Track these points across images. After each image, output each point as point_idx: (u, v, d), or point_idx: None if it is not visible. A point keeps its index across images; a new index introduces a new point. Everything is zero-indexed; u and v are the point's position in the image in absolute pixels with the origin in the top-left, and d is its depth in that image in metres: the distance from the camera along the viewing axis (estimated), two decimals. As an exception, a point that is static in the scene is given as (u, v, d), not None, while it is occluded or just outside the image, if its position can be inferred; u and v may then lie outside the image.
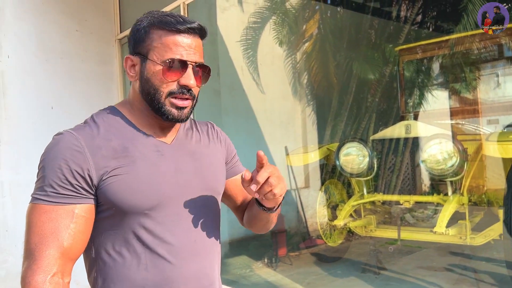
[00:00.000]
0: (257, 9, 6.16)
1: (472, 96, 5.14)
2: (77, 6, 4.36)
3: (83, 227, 0.98)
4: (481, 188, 3.90)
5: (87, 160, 0.97)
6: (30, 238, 0.95)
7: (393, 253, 4.60)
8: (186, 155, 1.10)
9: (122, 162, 0.99)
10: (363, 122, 6.12)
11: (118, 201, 0.98)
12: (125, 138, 1.03)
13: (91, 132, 1.01)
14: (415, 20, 6.39)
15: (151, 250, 1.01)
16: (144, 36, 1.03)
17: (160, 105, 1.02)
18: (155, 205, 1.01)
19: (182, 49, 1.01)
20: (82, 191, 0.97)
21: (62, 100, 4.21)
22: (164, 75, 1.01)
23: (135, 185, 0.99)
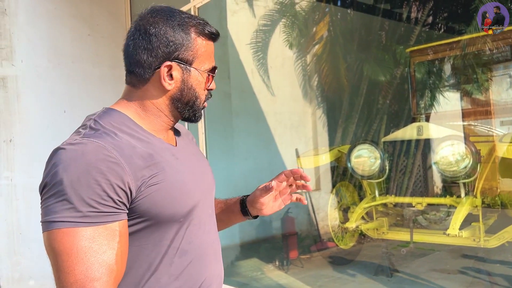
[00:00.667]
0: (267, 11, 6.18)
1: (485, 97, 5.08)
2: (89, 10, 4.41)
3: (126, 245, 0.88)
4: (494, 190, 3.86)
5: (125, 172, 0.86)
6: (73, 269, 0.80)
7: (405, 255, 4.56)
8: (191, 156, 1.09)
9: (154, 171, 0.91)
10: (374, 124, 6.09)
11: (158, 212, 0.91)
12: (144, 143, 0.95)
13: (114, 140, 0.89)
14: (426, 21, 6.35)
15: (183, 257, 0.97)
16: (187, 41, 0.97)
17: (197, 110, 1.04)
18: (188, 211, 0.98)
19: (213, 57, 1.03)
20: (122, 206, 0.86)
21: (74, 104, 4.26)
22: (207, 83, 1.03)
23: (172, 193, 0.93)
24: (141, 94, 1.00)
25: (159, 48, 0.95)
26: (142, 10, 1.00)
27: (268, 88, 6.10)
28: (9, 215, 3.81)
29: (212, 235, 1.08)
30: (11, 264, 3.83)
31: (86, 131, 0.91)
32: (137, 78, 0.99)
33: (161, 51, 0.95)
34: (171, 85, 0.98)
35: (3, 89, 3.91)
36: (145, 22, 0.97)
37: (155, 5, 1.00)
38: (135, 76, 0.99)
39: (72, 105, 4.24)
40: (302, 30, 6.43)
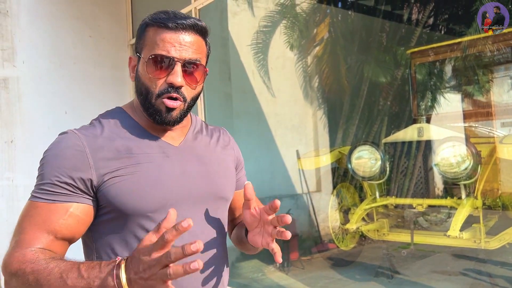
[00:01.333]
0: (267, 13, 6.19)
1: (485, 98, 5.08)
2: (91, 12, 4.42)
3: (73, 224, 0.93)
4: (495, 192, 3.86)
5: (86, 160, 0.94)
6: (19, 226, 0.93)
7: (406, 257, 4.56)
8: (194, 158, 1.06)
9: (125, 163, 0.95)
10: (375, 125, 6.09)
11: (120, 204, 0.94)
12: (130, 139, 0.99)
13: (94, 132, 0.98)
14: (426, 22, 6.35)
15: None
16: (140, 34, 1.01)
17: (150, 105, 0.98)
18: (158, 208, 0.96)
19: (170, 45, 0.95)
20: (79, 191, 0.94)
21: (76, 105, 4.27)
22: (149, 72, 0.97)
23: (138, 187, 0.95)
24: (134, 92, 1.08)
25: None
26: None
27: (269, 89, 6.10)
28: (10, 216, 3.81)
29: (203, 240, 1.00)
30: (12, 265, 3.84)
31: (84, 125, 1.04)
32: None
33: (134, 48, 1.04)
34: (132, 77, 1.04)
35: (4, 90, 3.92)
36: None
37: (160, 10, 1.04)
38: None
39: (74, 106, 4.25)
40: (303, 31, 6.44)
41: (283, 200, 5.88)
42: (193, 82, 1.00)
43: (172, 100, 0.97)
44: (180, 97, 0.98)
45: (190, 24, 0.97)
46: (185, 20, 0.96)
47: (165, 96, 0.97)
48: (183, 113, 1.01)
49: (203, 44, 1.02)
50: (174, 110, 0.98)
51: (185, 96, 0.99)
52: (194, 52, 0.98)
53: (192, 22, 0.97)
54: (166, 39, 0.96)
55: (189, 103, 1.01)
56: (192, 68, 0.98)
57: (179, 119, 1.00)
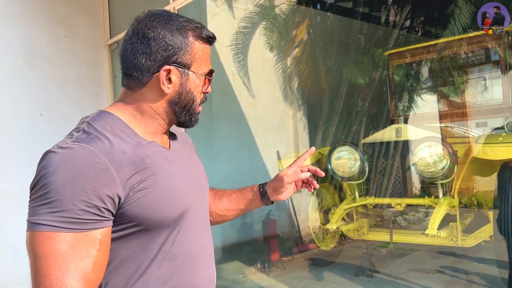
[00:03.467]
0: (247, 14, 6.19)
1: (461, 99, 5.19)
2: (66, 12, 4.34)
3: (106, 253, 0.88)
4: (471, 190, 3.94)
5: (114, 178, 0.86)
6: (50, 272, 0.80)
7: (385, 256, 4.62)
8: (185, 159, 1.08)
9: (143, 176, 0.91)
10: (354, 126, 6.16)
11: (147, 217, 0.91)
12: (136, 148, 0.94)
13: (104, 145, 0.89)
14: (404, 24, 6.46)
15: (172, 261, 0.96)
16: (185, 45, 0.97)
17: (195, 114, 1.04)
18: (178, 216, 0.97)
19: (209, 60, 1.04)
20: (107, 213, 0.86)
21: (51, 107, 4.18)
22: (205, 86, 1.04)
23: (162, 197, 0.93)
24: (138, 97, 1.00)
25: (157, 52, 0.95)
26: (140, 13, 1.01)
27: (249, 91, 6.10)
28: (-17, 220, 3.71)
29: (204, 239, 1.07)
30: (-14, 272, 3.73)
31: (78, 134, 0.91)
32: (135, 81, 0.98)
33: (160, 55, 0.95)
34: (170, 89, 0.98)
35: (-24, 92, 3.82)
36: (143, 26, 0.97)
37: (152, 9, 1.00)
38: (133, 79, 0.98)
39: (49, 108, 4.16)
40: (282, 32, 6.46)
41: (264, 201, 5.87)
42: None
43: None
44: None
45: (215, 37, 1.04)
46: (213, 34, 1.03)
47: (200, 105, 1.06)
48: None
49: None
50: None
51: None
52: None
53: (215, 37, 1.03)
54: (208, 55, 1.04)
55: None
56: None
57: None
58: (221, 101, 5.79)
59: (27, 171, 4.22)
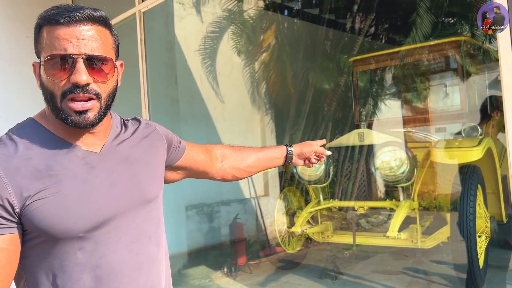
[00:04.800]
0: (215, 18, 6.20)
1: (422, 105, 5.35)
2: (27, 12, 4.23)
3: (8, 260, 0.85)
4: (430, 193, 4.06)
5: (4, 186, 0.83)
6: None
7: (349, 258, 4.70)
8: (119, 162, 0.99)
9: (46, 184, 0.86)
10: (320, 130, 6.26)
11: (47, 227, 0.86)
12: (48, 154, 0.90)
13: (7, 152, 0.87)
14: (368, 32, 6.62)
15: (92, 273, 0.90)
16: (36, 37, 0.91)
17: (58, 110, 0.89)
18: (92, 226, 0.90)
19: (66, 42, 0.86)
20: (3, 220, 0.84)
21: (11, 109, 4.05)
22: (49, 75, 0.88)
23: (65, 207, 0.87)
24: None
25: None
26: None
27: (217, 95, 6.11)
28: None
29: (137, 248, 0.98)
30: None
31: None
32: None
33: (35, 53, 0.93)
34: (39, 85, 0.94)
35: None
36: None
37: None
38: None
39: (9, 110, 4.03)
40: (250, 37, 6.50)
41: (231, 205, 5.88)
42: (102, 77, 0.91)
43: (80, 103, 0.88)
44: (92, 95, 0.89)
45: (85, 15, 0.87)
46: (78, 12, 0.87)
47: (70, 97, 0.88)
48: (102, 112, 0.92)
49: (106, 34, 0.92)
50: (87, 112, 0.89)
51: (98, 92, 0.90)
52: (96, 45, 0.89)
53: (86, 13, 0.88)
54: (61, 36, 0.86)
55: (106, 100, 0.93)
56: (98, 62, 0.89)
57: (98, 120, 0.92)
58: (188, 104, 5.77)
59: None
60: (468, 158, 3.47)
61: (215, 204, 5.76)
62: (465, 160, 3.49)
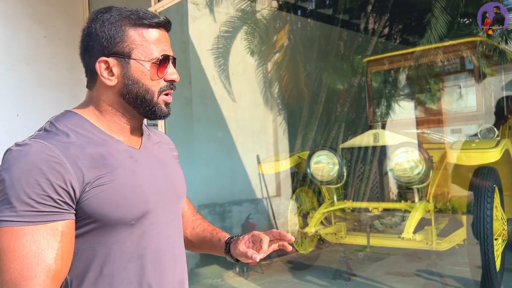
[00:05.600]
0: (228, 18, 6.21)
1: (437, 106, 5.31)
2: (45, 12, 4.28)
3: (69, 245, 0.87)
4: (446, 195, 4.03)
5: (68, 171, 0.85)
6: (9, 267, 0.80)
7: (363, 259, 4.68)
8: (155, 160, 1.05)
9: (103, 171, 0.90)
10: (333, 131, 6.24)
11: (105, 214, 0.89)
12: (99, 145, 0.94)
13: (63, 140, 0.89)
14: (382, 32, 6.58)
15: (138, 262, 0.95)
16: (120, 34, 0.95)
17: (153, 104, 0.98)
18: (141, 215, 0.95)
19: (164, 45, 0.98)
20: (65, 206, 0.86)
21: (28, 108, 4.11)
22: (158, 73, 0.97)
23: (121, 195, 0.91)
24: (95, 95, 1.01)
25: (93, 47, 0.96)
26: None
27: (230, 95, 6.12)
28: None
29: (173, 241, 1.05)
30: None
31: (40, 132, 0.93)
32: (89, 80, 1.01)
33: (96, 49, 0.96)
34: (112, 81, 0.96)
35: (-50, 91, 3.73)
36: (86, 24, 1.00)
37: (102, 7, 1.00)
38: (87, 78, 1.02)
39: (26, 109, 4.09)
40: (263, 38, 6.50)
41: (243, 205, 5.89)
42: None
43: (170, 96, 1.02)
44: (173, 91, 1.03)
45: (167, 21, 0.99)
46: (163, 18, 0.99)
47: (165, 94, 1.00)
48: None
49: None
50: (170, 104, 1.03)
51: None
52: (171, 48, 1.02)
53: (167, 19, 0.99)
54: (159, 39, 0.97)
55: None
56: (174, 63, 1.02)
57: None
58: (201, 104, 5.79)
59: (2, 173, 4.13)
60: (486, 159, 3.43)
61: (227, 204, 5.77)
62: (483, 162, 3.45)
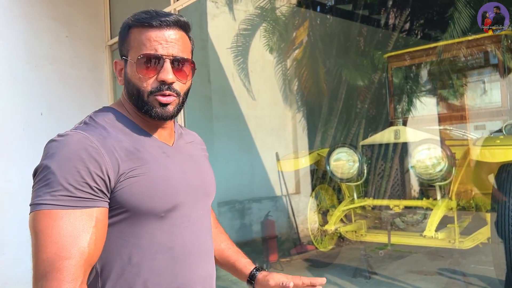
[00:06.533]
0: (247, 16, 6.21)
1: (460, 102, 5.21)
2: (68, 12, 4.36)
3: (102, 231, 0.92)
4: (469, 193, 3.95)
5: (105, 161, 0.91)
6: (46, 247, 0.84)
7: (383, 257, 4.63)
8: (187, 157, 1.10)
9: (136, 164, 0.95)
10: (353, 128, 6.18)
11: (137, 204, 0.94)
12: (134, 138, 1.00)
13: (101, 132, 0.95)
14: (403, 27, 6.48)
15: (166, 254, 0.99)
16: (125, 37, 1.02)
17: (144, 104, 0.99)
18: (171, 207, 0.99)
19: (156, 43, 0.97)
20: (100, 194, 0.91)
21: (52, 106, 4.20)
22: (140, 72, 0.98)
23: (153, 187, 0.96)
24: (122, 95, 1.08)
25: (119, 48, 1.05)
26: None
27: (249, 92, 6.13)
28: (-17, 219, 3.72)
29: (202, 236, 1.08)
30: (-15, 270, 3.75)
31: (80, 125, 0.99)
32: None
33: (119, 51, 1.05)
34: (120, 81, 1.04)
35: (-23, 91, 3.83)
36: None
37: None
38: None
39: (50, 108, 4.18)
40: (282, 34, 6.48)
41: (263, 202, 5.90)
42: (183, 77, 1.01)
43: (165, 96, 0.99)
44: (173, 93, 1.00)
45: (174, 20, 0.99)
46: (168, 17, 0.98)
47: (158, 94, 0.98)
48: (179, 107, 1.04)
49: (187, 39, 1.03)
50: (169, 104, 1.00)
51: (177, 91, 1.01)
52: (180, 48, 0.99)
53: (175, 18, 0.99)
54: (152, 38, 0.97)
55: (183, 97, 1.04)
56: (181, 63, 1.00)
57: (175, 113, 1.03)
58: (220, 102, 5.81)
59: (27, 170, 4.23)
60: (511, 156, 3.35)
61: (247, 201, 5.79)
62: (507, 159, 3.36)
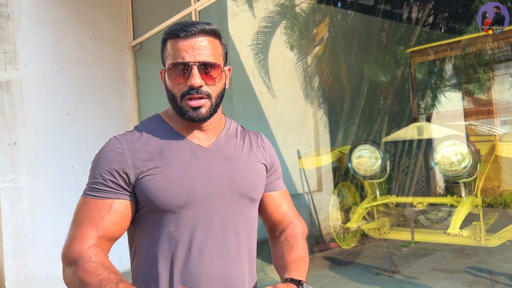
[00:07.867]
0: (267, 13, 6.21)
1: (486, 97, 5.09)
2: (92, 15, 4.45)
3: (117, 219, 1.09)
4: (496, 189, 3.87)
5: (125, 161, 1.09)
6: (75, 220, 1.09)
7: (407, 255, 4.57)
8: (220, 159, 1.15)
9: (157, 164, 1.09)
10: (375, 125, 6.11)
11: (153, 199, 1.08)
12: (163, 141, 1.13)
13: (133, 136, 1.14)
14: (426, 21, 6.37)
15: (181, 247, 1.09)
16: (163, 49, 1.13)
17: (179, 108, 1.11)
18: (183, 204, 1.09)
19: (184, 52, 1.07)
20: (120, 188, 1.09)
21: (77, 107, 4.30)
22: (172, 79, 1.10)
23: (166, 184, 1.08)
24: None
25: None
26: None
27: (269, 90, 6.13)
28: (14, 217, 3.85)
29: (222, 236, 1.12)
30: (16, 266, 3.88)
31: (129, 130, 1.19)
32: None
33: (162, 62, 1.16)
34: (164, 88, 1.16)
35: (7, 93, 3.96)
36: None
37: None
38: None
39: (75, 108, 4.28)
40: (303, 31, 6.46)
41: (285, 199, 5.89)
42: (211, 80, 1.09)
43: (195, 100, 1.08)
44: (204, 95, 1.09)
45: (199, 29, 1.08)
46: (194, 27, 1.07)
47: (188, 97, 1.08)
48: (212, 109, 1.12)
49: (216, 44, 1.11)
50: (200, 107, 1.09)
51: (209, 93, 1.09)
52: (208, 53, 1.08)
53: (200, 27, 1.08)
54: (180, 47, 1.07)
55: (216, 99, 1.12)
56: (209, 67, 1.08)
57: (209, 115, 1.11)
58: (241, 100, 5.83)
59: (54, 169, 4.37)
60: (539, 152, 3.27)
61: (269, 198, 5.79)
62: (535, 155, 3.28)
